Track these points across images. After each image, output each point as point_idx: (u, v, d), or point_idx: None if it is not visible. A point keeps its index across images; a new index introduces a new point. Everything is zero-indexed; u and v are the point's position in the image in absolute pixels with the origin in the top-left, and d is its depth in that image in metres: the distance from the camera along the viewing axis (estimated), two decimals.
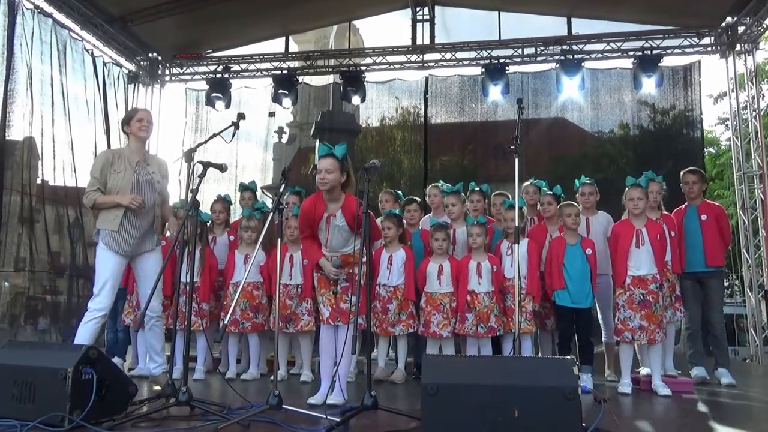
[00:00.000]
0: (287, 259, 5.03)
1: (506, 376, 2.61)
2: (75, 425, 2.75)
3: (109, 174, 4.20)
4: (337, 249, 3.82)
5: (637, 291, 4.46)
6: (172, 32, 9.26)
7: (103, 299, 4.09)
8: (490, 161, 9.88)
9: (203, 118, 10.10)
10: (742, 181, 8.51)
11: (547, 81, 9.20)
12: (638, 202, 4.56)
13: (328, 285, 3.87)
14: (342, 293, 3.82)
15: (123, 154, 4.33)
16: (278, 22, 9.60)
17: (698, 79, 8.89)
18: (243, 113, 4.07)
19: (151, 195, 4.26)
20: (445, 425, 2.52)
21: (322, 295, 3.90)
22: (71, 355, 2.92)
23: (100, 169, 4.20)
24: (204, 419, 3.06)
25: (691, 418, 3.72)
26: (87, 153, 8.35)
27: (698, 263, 5.07)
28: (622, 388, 4.46)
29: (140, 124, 4.30)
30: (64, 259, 8.12)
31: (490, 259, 4.78)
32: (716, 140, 18.21)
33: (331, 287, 3.84)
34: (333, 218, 3.77)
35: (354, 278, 3.67)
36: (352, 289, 3.72)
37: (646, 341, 4.43)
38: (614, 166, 9.57)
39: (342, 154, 3.75)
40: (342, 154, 3.75)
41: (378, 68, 9.68)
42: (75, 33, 8.23)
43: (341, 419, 2.90)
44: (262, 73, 9.89)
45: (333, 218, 3.77)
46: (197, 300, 4.93)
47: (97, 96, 8.66)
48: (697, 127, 9.07)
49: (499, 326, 4.71)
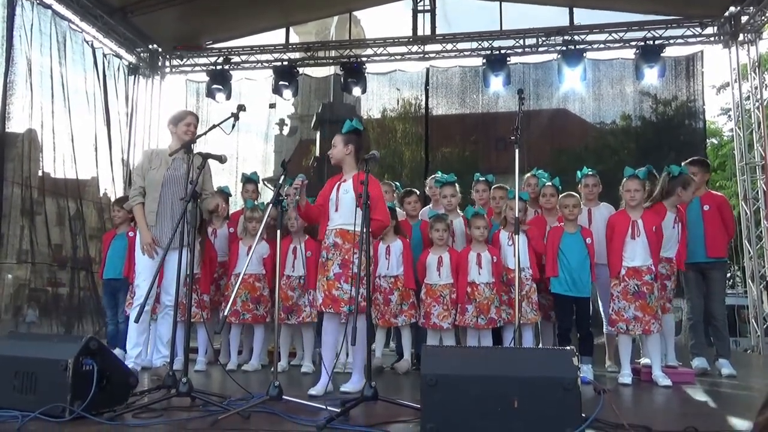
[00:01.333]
0: (290, 250, 5.03)
1: (505, 367, 2.61)
2: (76, 416, 2.76)
3: (148, 171, 4.41)
4: (343, 222, 3.84)
5: (632, 282, 4.46)
6: (172, 24, 9.23)
7: (140, 291, 4.28)
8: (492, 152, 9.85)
9: (204, 110, 10.07)
10: (744, 171, 8.48)
11: (549, 72, 9.16)
12: (635, 194, 4.55)
13: (323, 270, 3.86)
14: (335, 279, 3.78)
15: (162, 152, 4.51)
16: (279, 13, 9.56)
17: (701, 70, 8.85)
18: (243, 105, 4.06)
19: (182, 190, 4.25)
20: (444, 416, 2.52)
21: (319, 281, 3.91)
22: (72, 346, 2.92)
23: (141, 167, 4.47)
24: (204, 410, 3.07)
25: (692, 408, 3.72)
26: (87, 145, 8.37)
27: (699, 254, 5.06)
28: (623, 379, 4.46)
29: (187, 128, 4.46)
30: (66, 252, 8.14)
31: (489, 249, 4.78)
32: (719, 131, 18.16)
33: (326, 272, 3.82)
34: (343, 183, 3.90)
35: (348, 265, 3.70)
36: (345, 277, 3.73)
37: (641, 332, 4.43)
38: (616, 157, 9.55)
39: (347, 129, 3.93)
40: (347, 128, 3.93)
41: (379, 59, 9.65)
42: (75, 24, 8.21)
43: (341, 410, 2.90)
44: (263, 64, 9.86)
45: (343, 183, 3.90)
46: (198, 291, 4.94)
47: (97, 88, 8.66)
48: (699, 118, 9.04)
49: (500, 317, 4.71)
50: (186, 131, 4.44)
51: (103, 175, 8.72)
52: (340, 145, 3.92)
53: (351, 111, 10.56)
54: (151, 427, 2.77)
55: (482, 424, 2.49)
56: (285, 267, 4.97)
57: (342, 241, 3.80)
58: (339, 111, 10.39)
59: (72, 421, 2.75)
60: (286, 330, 5.19)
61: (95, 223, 8.62)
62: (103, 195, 8.99)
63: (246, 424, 2.83)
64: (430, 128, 9.67)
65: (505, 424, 2.48)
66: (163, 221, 4.34)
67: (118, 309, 5.36)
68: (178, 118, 4.57)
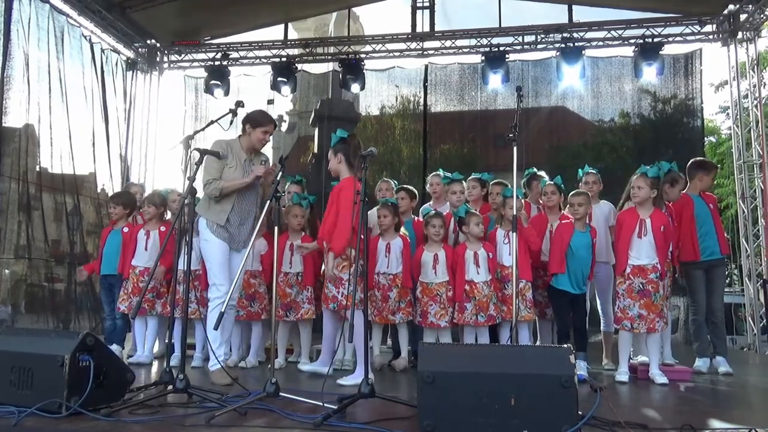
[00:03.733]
0: (287, 247, 5.02)
1: (503, 365, 2.62)
2: (72, 412, 2.76)
3: (225, 168, 4.19)
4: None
5: (637, 280, 4.46)
6: (170, 19, 9.19)
7: (219, 287, 4.12)
8: (490, 150, 9.84)
9: (202, 105, 10.06)
10: (742, 170, 8.49)
11: (548, 69, 9.15)
12: (638, 191, 4.55)
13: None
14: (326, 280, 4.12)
15: (234, 149, 4.27)
16: (277, 8, 9.54)
17: (699, 68, 8.84)
18: (241, 101, 4.08)
19: (253, 194, 4.31)
20: (441, 413, 2.52)
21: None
22: (69, 342, 2.92)
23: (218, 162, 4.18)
24: (201, 406, 3.07)
25: (688, 406, 3.73)
26: (85, 140, 8.34)
27: (714, 251, 5.05)
28: (620, 377, 4.47)
29: (264, 137, 4.28)
30: (63, 247, 8.12)
31: (485, 246, 4.77)
32: (717, 129, 18.16)
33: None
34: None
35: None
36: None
37: (645, 330, 4.44)
38: (614, 155, 9.55)
39: (334, 142, 4.20)
40: (334, 141, 4.20)
41: (377, 56, 9.62)
42: (72, 19, 8.17)
43: (338, 407, 2.90)
44: (261, 60, 9.82)
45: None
46: (198, 288, 4.94)
47: (95, 83, 8.63)
48: (697, 116, 9.03)
49: (498, 314, 4.71)
50: (261, 139, 4.26)
51: (101, 170, 8.70)
52: (332, 158, 4.25)
53: (349, 108, 10.54)
54: (147, 424, 2.77)
55: (479, 422, 2.50)
56: (282, 264, 4.97)
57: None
58: (337, 107, 10.37)
59: (68, 417, 2.75)
60: (284, 327, 5.18)
61: (93, 219, 8.61)
62: (101, 191, 8.97)
63: (242, 421, 2.83)
64: (429, 125, 9.66)
65: (502, 421, 2.48)
66: (235, 224, 4.22)
67: (115, 305, 5.35)
68: (259, 121, 4.26)
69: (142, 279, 5.15)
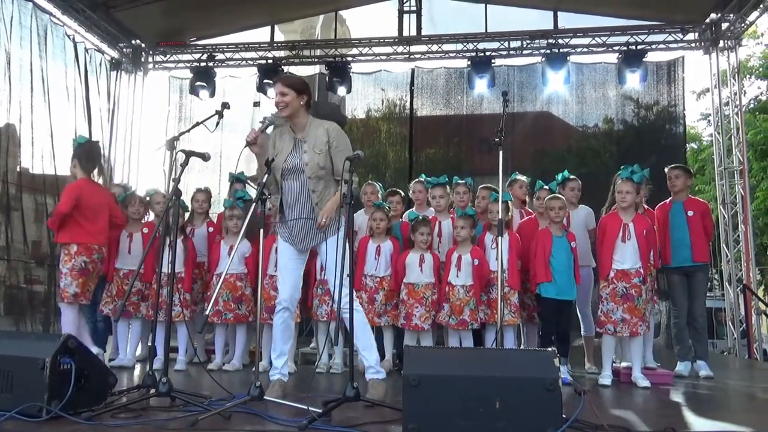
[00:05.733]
0: (272, 250, 5.00)
1: (488, 368, 2.62)
2: (53, 415, 2.72)
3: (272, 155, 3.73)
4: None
5: (620, 284, 4.50)
6: (155, 19, 9.12)
7: (280, 292, 3.75)
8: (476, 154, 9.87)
9: (187, 107, 9.98)
10: (723, 176, 8.61)
11: (533, 74, 9.21)
12: (626, 196, 4.58)
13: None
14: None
15: (285, 130, 3.77)
16: (264, 10, 9.51)
17: (682, 75, 8.97)
18: (227, 102, 4.01)
19: (300, 180, 3.68)
20: (426, 416, 2.52)
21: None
22: (49, 344, 2.88)
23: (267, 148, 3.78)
24: (184, 410, 3.04)
25: (670, 409, 3.77)
26: (67, 141, 8.20)
27: (686, 258, 5.11)
28: (603, 380, 4.50)
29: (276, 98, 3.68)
30: (44, 249, 8.00)
31: (473, 251, 4.78)
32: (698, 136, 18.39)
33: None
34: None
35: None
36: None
37: (628, 333, 4.47)
38: (598, 160, 9.62)
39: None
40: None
41: (364, 59, 9.63)
42: (56, 18, 8.08)
43: (323, 410, 2.89)
44: (247, 62, 9.79)
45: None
46: (181, 291, 4.91)
47: (78, 83, 8.52)
48: (679, 123, 9.15)
49: (473, 320, 4.71)
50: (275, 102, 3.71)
51: None
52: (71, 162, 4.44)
53: (335, 110, 10.50)
54: (129, 428, 2.73)
55: (464, 425, 2.50)
56: (268, 266, 4.94)
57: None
58: (323, 110, 10.30)
59: (49, 420, 2.71)
60: (268, 330, 5.15)
61: None
62: None
63: (227, 425, 2.81)
64: (415, 129, 9.67)
65: (486, 424, 2.49)
66: (287, 218, 3.74)
67: (96, 307, 5.28)
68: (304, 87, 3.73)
69: (126, 282, 5.09)
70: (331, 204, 3.61)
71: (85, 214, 4.69)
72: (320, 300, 4.95)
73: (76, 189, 4.74)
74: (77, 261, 4.64)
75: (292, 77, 3.94)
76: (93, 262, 4.73)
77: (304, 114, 3.71)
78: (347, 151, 3.62)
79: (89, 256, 4.70)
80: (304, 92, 3.66)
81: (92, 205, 4.74)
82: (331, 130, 3.70)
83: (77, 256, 4.65)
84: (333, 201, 3.62)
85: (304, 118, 3.72)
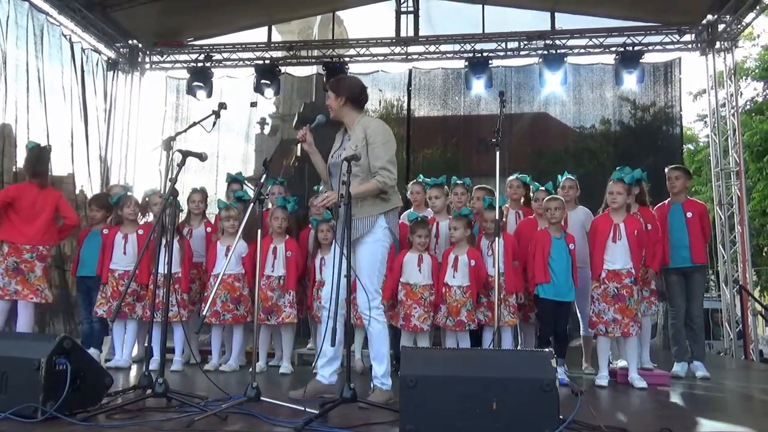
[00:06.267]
0: (270, 250, 4.99)
1: (485, 368, 2.62)
2: (48, 416, 2.71)
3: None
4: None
5: (612, 285, 4.51)
6: (152, 19, 9.10)
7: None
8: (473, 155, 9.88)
9: (184, 107, 9.96)
10: (719, 177, 8.63)
11: (530, 75, 9.22)
12: (617, 197, 4.60)
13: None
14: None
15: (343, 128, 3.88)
16: (261, 11, 9.49)
17: (678, 76, 8.98)
18: (224, 103, 4.01)
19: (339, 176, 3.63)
20: (423, 417, 2.52)
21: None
22: (45, 345, 2.86)
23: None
24: (181, 411, 3.03)
25: (667, 410, 3.78)
26: (63, 141, 8.21)
27: (684, 259, 5.12)
28: (599, 381, 4.51)
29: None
30: None
31: (469, 252, 4.77)
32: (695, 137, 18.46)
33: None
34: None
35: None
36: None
37: (620, 334, 4.48)
38: (595, 161, 9.63)
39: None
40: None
41: (361, 60, 9.62)
42: (52, 18, 8.05)
43: (320, 411, 2.88)
44: (245, 62, 9.77)
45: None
46: (179, 290, 4.90)
47: (74, 83, 8.50)
48: (676, 124, 9.17)
49: (470, 321, 4.70)
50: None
51: (80, 171, 8.55)
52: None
53: None
54: (125, 428, 2.72)
55: (461, 425, 2.50)
56: (265, 267, 4.93)
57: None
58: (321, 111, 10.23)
59: (44, 421, 2.70)
60: (265, 331, 5.15)
61: None
62: (80, 192, 8.82)
63: (223, 426, 2.80)
64: (412, 129, 9.67)
65: (484, 425, 2.49)
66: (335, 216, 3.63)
67: (91, 308, 5.26)
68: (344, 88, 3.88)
69: (121, 283, 5.07)
70: (354, 190, 3.45)
71: (21, 215, 4.85)
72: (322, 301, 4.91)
73: (8, 190, 5.09)
74: (9, 261, 4.83)
75: (335, 80, 4.05)
76: (25, 262, 4.85)
77: (350, 113, 3.81)
78: (380, 148, 3.62)
79: (19, 256, 4.83)
80: (343, 93, 3.80)
81: (28, 206, 4.88)
82: (369, 127, 3.72)
83: (8, 257, 4.83)
84: (356, 186, 3.50)
85: (349, 117, 3.81)
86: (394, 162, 3.67)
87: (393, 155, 3.67)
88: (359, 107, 3.85)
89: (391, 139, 3.72)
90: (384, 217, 3.66)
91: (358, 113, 3.83)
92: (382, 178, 3.57)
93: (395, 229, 3.78)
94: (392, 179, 3.61)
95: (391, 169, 3.61)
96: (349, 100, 3.81)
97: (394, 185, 3.67)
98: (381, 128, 3.73)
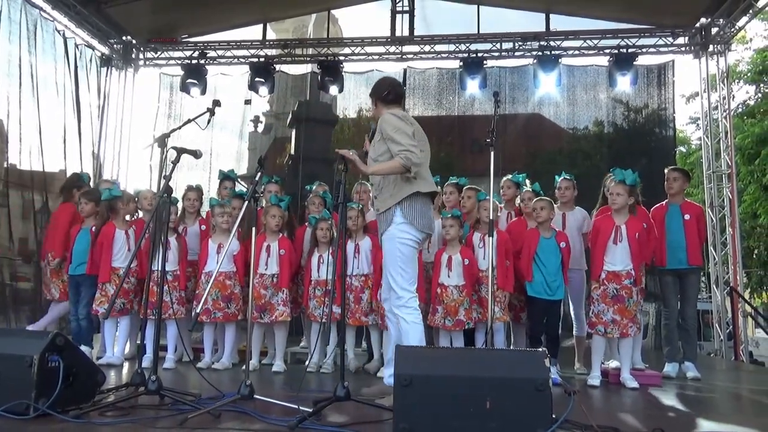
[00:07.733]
0: (263, 248, 4.98)
1: (479, 368, 2.63)
2: (40, 413, 2.69)
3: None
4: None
5: (611, 286, 4.52)
6: (147, 15, 9.06)
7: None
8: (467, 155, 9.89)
9: (177, 104, 9.92)
10: (711, 179, 8.68)
11: (525, 76, 9.25)
12: (617, 198, 4.61)
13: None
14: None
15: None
16: (256, 8, 9.47)
17: (671, 79, 9.04)
18: (218, 100, 3.98)
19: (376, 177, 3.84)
20: (417, 416, 2.52)
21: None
22: (38, 342, 2.85)
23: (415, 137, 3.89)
24: (173, 408, 3.02)
25: (659, 410, 3.80)
26: (56, 137, 8.15)
27: (681, 261, 5.13)
28: (592, 381, 4.53)
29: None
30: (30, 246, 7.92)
31: (462, 251, 4.78)
32: (687, 139, 18.56)
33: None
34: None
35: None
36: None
37: (619, 335, 4.50)
38: (588, 162, 9.67)
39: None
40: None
41: (356, 59, 9.62)
42: (46, 13, 8.00)
43: (313, 409, 2.88)
44: (239, 60, 9.74)
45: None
46: (177, 288, 4.89)
47: (67, 79, 8.44)
48: (669, 126, 9.22)
49: (468, 320, 4.72)
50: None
51: (72, 168, 8.46)
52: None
53: (327, 110, 10.51)
54: (117, 426, 2.71)
55: (455, 425, 2.50)
56: (258, 265, 4.92)
57: None
58: (315, 109, 10.32)
59: (36, 418, 2.69)
60: (258, 329, 5.13)
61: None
62: None
63: (216, 424, 2.79)
64: None
65: (477, 424, 2.49)
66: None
67: (78, 306, 5.20)
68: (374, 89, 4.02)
69: (127, 280, 5.02)
70: (380, 166, 3.67)
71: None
72: (318, 301, 4.92)
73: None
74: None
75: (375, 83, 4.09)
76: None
77: (379, 109, 3.94)
78: (394, 136, 3.65)
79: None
80: (373, 95, 3.99)
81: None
82: (382, 121, 3.79)
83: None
84: (380, 164, 3.68)
85: (378, 114, 3.93)
86: (415, 144, 3.67)
87: (410, 139, 3.65)
88: (386, 104, 3.93)
89: (403, 125, 3.71)
90: (400, 209, 3.66)
91: (386, 109, 3.90)
92: (404, 155, 3.57)
93: (420, 219, 3.69)
94: (416, 156, 3.60)
95: (412, 149, 3.60)
96: (378, 99, 3.97)
97: (419, 162, 3.66)
98: (389, 119, 3.75)
